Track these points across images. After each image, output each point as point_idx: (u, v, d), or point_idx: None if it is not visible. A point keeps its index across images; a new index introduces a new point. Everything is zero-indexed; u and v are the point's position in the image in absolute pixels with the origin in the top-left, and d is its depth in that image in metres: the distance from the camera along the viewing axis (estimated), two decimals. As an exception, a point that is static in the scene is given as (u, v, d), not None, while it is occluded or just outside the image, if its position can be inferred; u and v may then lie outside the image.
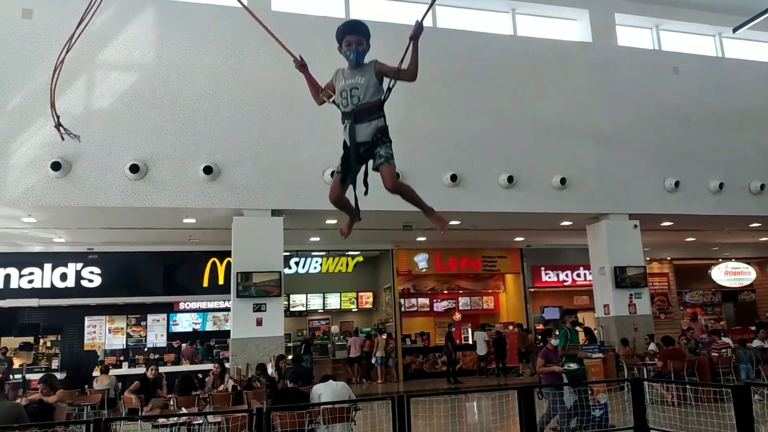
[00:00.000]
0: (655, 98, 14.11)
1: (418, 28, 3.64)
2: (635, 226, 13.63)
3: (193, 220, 12.30)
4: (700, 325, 17.55)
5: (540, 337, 11.65)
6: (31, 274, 14.84)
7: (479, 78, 12.91)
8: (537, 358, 16.27)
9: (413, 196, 3.82)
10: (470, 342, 17.60)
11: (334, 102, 3.72)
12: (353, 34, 3.68)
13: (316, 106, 3.98)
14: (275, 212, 11.50)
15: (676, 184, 13.70)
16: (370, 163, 3.69)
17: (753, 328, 15.96)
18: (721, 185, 13.97)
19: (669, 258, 21.29)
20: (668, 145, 13.94)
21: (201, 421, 6.49)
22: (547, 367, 7.78)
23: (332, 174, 11.22)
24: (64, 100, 10.61)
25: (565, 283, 19.26)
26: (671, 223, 15.07)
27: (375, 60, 3.74)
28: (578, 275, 19.17)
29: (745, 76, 15.17)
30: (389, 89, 3.76)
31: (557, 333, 8.45)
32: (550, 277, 19.12)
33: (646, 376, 10.59)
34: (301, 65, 3.91)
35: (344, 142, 3.68)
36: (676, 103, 14.25)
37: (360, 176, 3.72)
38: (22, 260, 14.80)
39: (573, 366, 7.88)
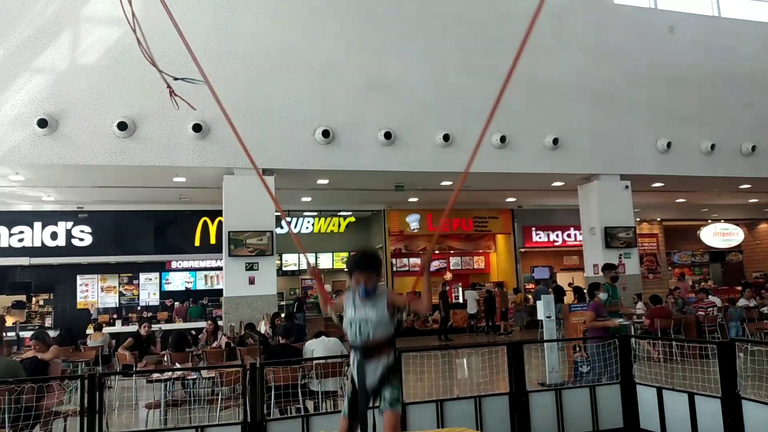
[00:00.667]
0: (649, 57, 13.96)
1: (428, 260, 3.69)
2: (626, 186, 13.65)
3: (183, 179, 12.20)
4: (687, 284, 17.82)
5: (586, 291, 11.82)
6: (21, 232, 14.78)
7: (472, 35, 12.69)
8: (520, 316, 16.71)
9: None
10: (461, 301, 17.82)
11: (342, 325, 3.62)
12: (363, 272, 3.53)
13: (308, 64, 3.86)
14: (266, 171, 11.39)
15: (668, 144, 13.67)
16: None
17: (739, 288, 16.23)
18: (712, 146, 13.96)
19: (659, 219, 21.46)
20: (661, 105, 13.86)
21: (195, 377, 6.57)
22: (599, 321, 7.54)
23: (324, 134, 11.22)
24: (48, 55, 10.40)
25: (556, 244, 19.42)
26: (662, 184, 15.11)
27: (388, 291, 3.61)
28: (568, 236, 19.32)
29: (741, 36, 14.99)
30: (400, 322, 3.58)
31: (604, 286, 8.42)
32: (540, 238, 19.26)
33: (633, 334, 10.78)
34: (315, 275, 3.93)
35: (351, 378, 3.56)
36: (670, 62, 14.11)
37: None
38: (11, 219, 14.71)
39: (623, 321, 7.91)
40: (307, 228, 17.57)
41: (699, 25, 14.81)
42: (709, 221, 22.17)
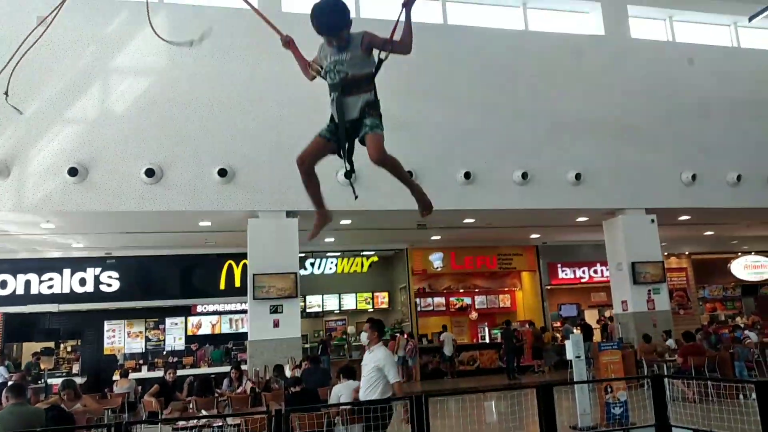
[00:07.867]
0: (670, 90, 13.94)
1: None
2: (652, 220, 13.46)
3: (208, 223, 12.37)
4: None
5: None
6: (51, 279, 14.99)
7: (492, 74, 12.83)
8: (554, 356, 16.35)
9: (401, 173, 3.75)
10: (487, 341, 17.56)
11: (322, 76, 3.55)
12: (331, 34, 3.35)
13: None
14: (290, 213, 11.51)
15: (693, 177, 13.52)
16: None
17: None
18: (738, 177, 13.76)
19: (687, 252, 21.05)
20: (684, 137, 13.76)
21: (220, 423, 6.51)
22: None
23: (346, 175, 11.29)
24: (79, 105, 10.75)
25: (582, 280, 19.12)
26: (689, 217, 14.88)
27: (364, 32, 3.42)
28: (595, 272, 19.01)
29: (762, 66, 14.92)
30: (380, 61, 3.50)
31: None
32: (566, 274, 18.98)
33: (666, 373, 10.47)
34: (287, 42, 3.75)
35: (331, 116, 3.53)
36: (691, 94, 14.06)
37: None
38: (41, 266, 14.95)
39: None
40: (330, 269, 17.57)
41: (719, 56, 14.80)
42: (740, 254, 21.66)
